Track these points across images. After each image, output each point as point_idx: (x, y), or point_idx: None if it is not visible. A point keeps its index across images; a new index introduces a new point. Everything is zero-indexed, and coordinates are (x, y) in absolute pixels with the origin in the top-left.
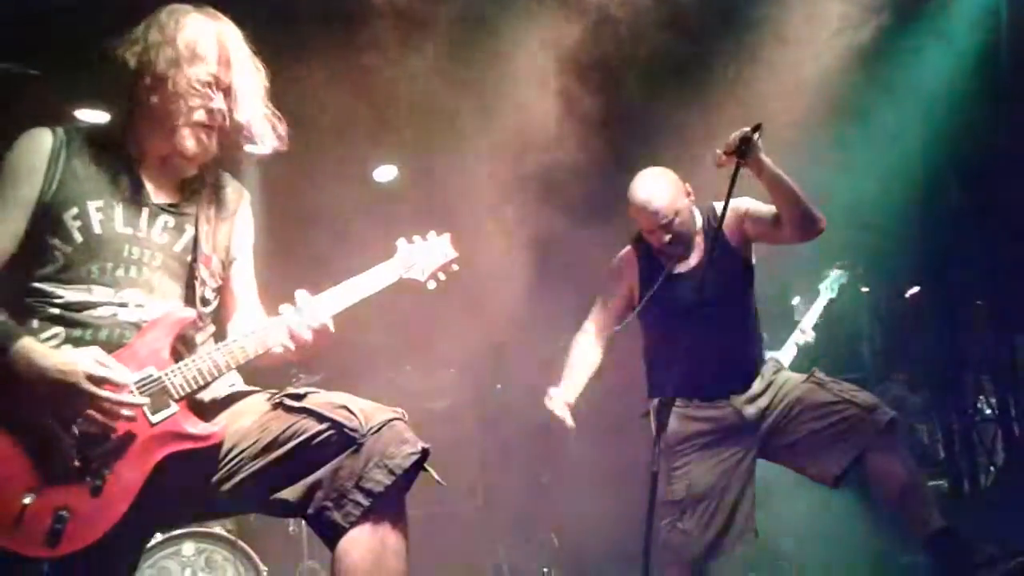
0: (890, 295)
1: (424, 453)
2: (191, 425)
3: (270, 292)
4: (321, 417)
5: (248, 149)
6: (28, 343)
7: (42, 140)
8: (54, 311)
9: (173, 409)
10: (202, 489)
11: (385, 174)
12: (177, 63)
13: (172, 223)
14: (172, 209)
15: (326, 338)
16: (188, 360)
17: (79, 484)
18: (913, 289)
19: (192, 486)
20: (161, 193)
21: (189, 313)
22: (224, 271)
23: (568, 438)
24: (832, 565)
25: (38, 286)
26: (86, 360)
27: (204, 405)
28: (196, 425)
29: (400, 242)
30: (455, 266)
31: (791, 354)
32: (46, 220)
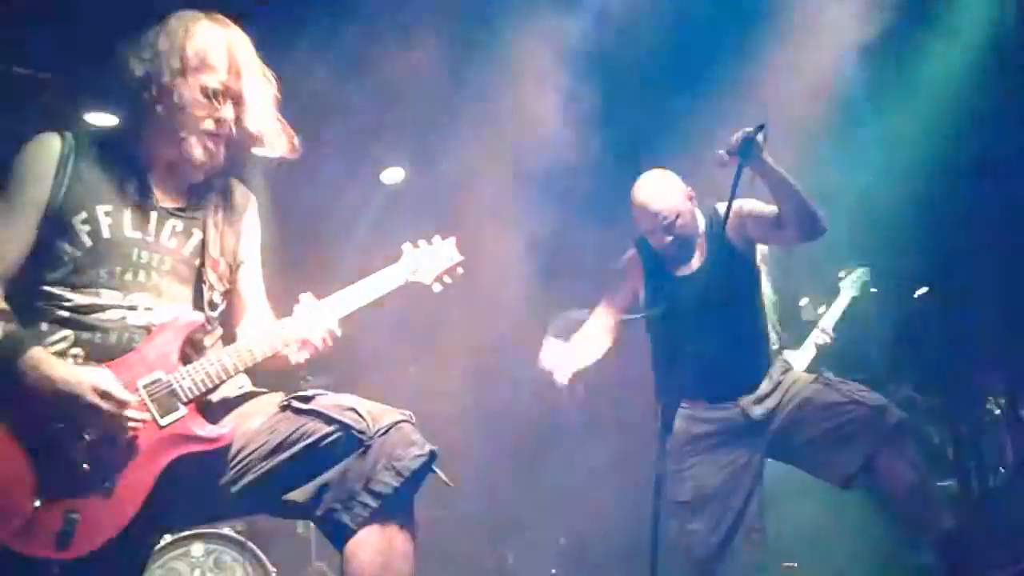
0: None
1: (432, 455)
2: (200, 427)
3: (278, 295)
4: (329, 419)
5: (256, 153)
6: (37, 353)
7: (51, 145)
8: (63, 314)
9: (182, 412)
10: (211, 491)
11: (392, 176)
12: (186, 71)
13: (180, 227)
14: (180, 213)
15: (334, 341)
16: (196, 363)
17: (89, 487)
18: (922, 289)
19: (201, 488)
20: (169, 197)
21: (197, 317)
22: (232, 275)
23: (570, 392)
24: (840, 566)
25: (48, 289)
26: (94, 374)
27: (213, 408)
28: (205, 427)
29: (406, 246)
30: (460, 269)
31: (810, 355)
32: (55, 224)
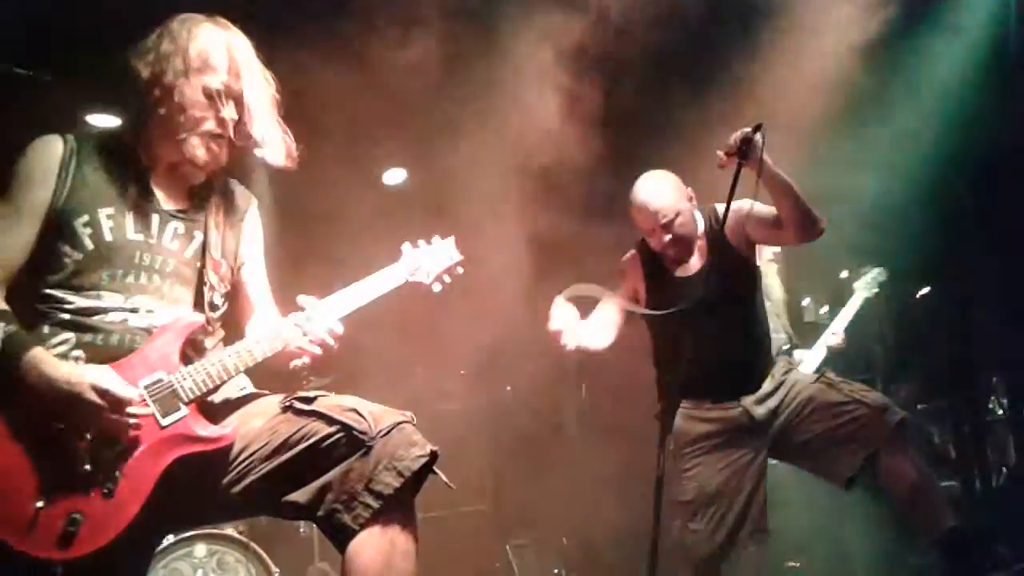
0: (901, 295)
1: (433, 455)
2: (201, 428)
3: (281, 296)
4: (331, 420)
5: (258, 154)
6: (38, 353)
7: (53, 148)
8: (65, 317)
9: (183, 412)
10: (212, 491)
11: (394, 177)
12: (188, 72)
13: (182, 229)
14: (182, 215)
15: (337, 341)
16: (198, 364)
17: (91, 487)
18: (924, 289)
19: (203, 488)
20: (171, 200)
21: (198, 318)
22: (234, 276)
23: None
24: (843, 565)
25: (49, 292)
26: (94, 373)
27: (214, 408)
28: (206, 428)
29: (405, 246)
30: (460, 269)
31: (821, 355)
32: (57, 227)
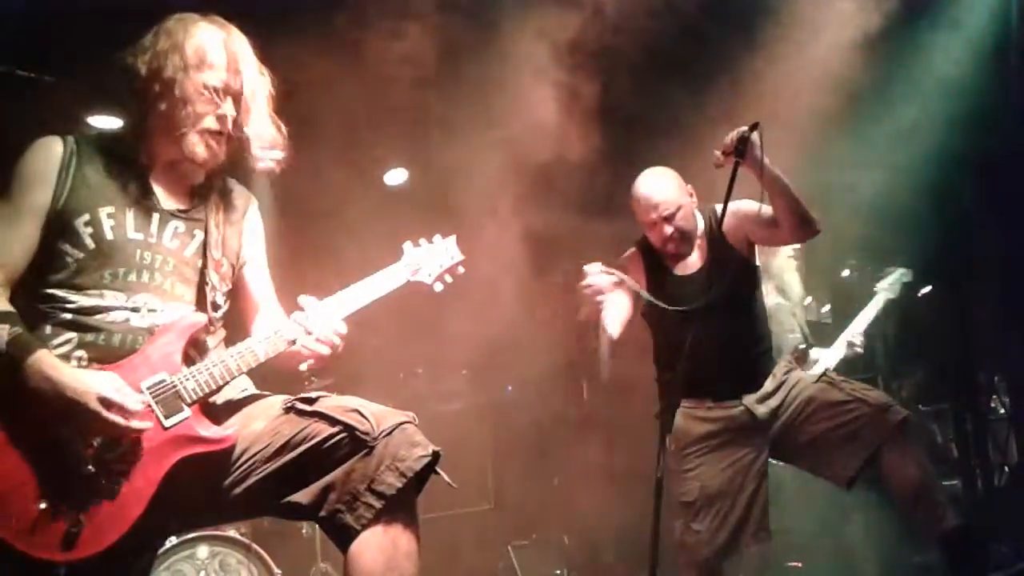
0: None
1: (435, 456)
2: (204, 429)
3: (281, 296)
4: (333, 421)
5: (257, 154)
6: (43, 356)
7: (53, 148)
8: (67, 316)
9: (186, 413)
10: (215, 492)
11: (396, 177)
12: (186, 69)
13: (182, 228)
14: (182, 214)
15: (340, 341)
16: (200, 364)
17: (94, 489)
18: (926, 288)
19: (205, 489)
20: (171, 199)
21: (200, 318)
22: (234, 275)
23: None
24: (845, 564)
25: (51, 292)
26: (99, 382)
27: (216, 409)
28: (209, 429)
29: (406, 245)
30: (462, 268)
31: (839, 355)
32: (58, 227)
